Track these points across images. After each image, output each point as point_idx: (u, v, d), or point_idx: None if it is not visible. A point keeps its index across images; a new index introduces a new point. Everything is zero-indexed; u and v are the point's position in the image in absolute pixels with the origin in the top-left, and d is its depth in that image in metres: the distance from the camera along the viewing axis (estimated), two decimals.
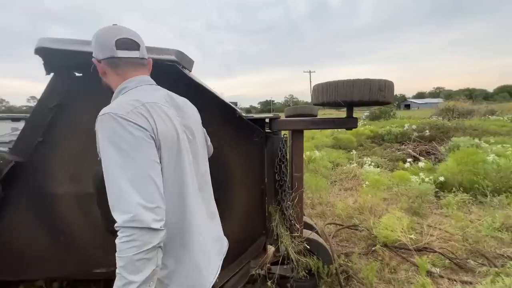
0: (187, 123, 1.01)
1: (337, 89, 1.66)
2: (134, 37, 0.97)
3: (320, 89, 1.76)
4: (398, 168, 6.45)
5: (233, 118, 1.77)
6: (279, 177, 1.79)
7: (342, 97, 1.66)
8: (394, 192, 4.48)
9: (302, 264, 1.91)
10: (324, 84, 1.74)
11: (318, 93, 1.81)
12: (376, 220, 3.34)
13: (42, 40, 1.55)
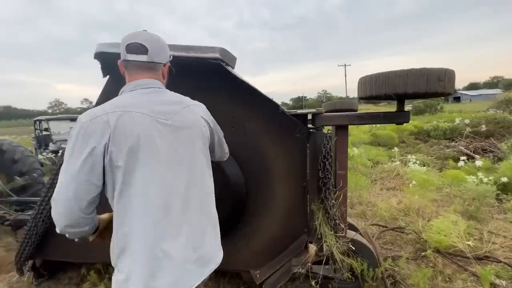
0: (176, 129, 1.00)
1: (388, 81, 1.54)
2: (147, 42, 1.01)
3: (368, 81, 1.65)
4: (448, 167, 5.86)
5: (276, 114, 1.75)
6: (323, 175, 1.73)
7: (394, 89, 1.53)
8: (445, 193, 4.08)
9: (346, 265, 1.83)
10: (373, 76, 1.63)
11: (366, 86, 1.70)
12: (425, 223, 3.08)
13: (101, 45, 1.68)
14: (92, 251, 2.15)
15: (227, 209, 1.89)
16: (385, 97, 1.61)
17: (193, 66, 1.70)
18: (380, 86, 1.58)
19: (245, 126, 1.91)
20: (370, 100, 1.76)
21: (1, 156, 4.08)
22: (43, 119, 10.23)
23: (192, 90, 1.92)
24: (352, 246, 1.86)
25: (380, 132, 9.88)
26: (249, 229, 2.02)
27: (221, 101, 1.91)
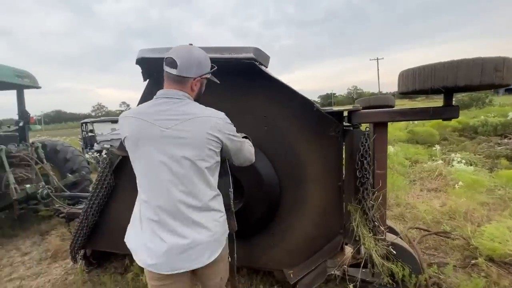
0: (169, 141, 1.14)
1: (434, 73, 1.42)
2: (180, 58, 1.16)
3: (411, 75, 1.54)
4: (500, 166, 5.27)
5: (310, 112, 1.71)
6: (361, 174, 1.66)
7: (441, 82, 1.41)
8: (498, 195, 3.67)
9: (386, 270, 1.74)
10: (416, 69, 1.51)
11: (408, 80, 1.59)
12: (474, 228, 2.80)
13: (142, 51, 1.79)
14: None
15: (260, 208, 1.91)
16: (431, 91, 1.49)
17: (227, 67, 1.73)
18: (425, 80, 1.47)
19: (279, 125, 1.90)
20: (413, 94, 1.64)
21: (56, 155, 4.56)
22: (89, 121, 11.21)
23: (226, 90, 1.97)
24: (393, 250, 1.76)
25: (418, 129, 9.20)
26: (282, 228, 2.01)
27: (254, 101, 1.92)
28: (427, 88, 1.47)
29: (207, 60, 1.26)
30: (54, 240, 3.45)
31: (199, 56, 1.21)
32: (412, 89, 1.56)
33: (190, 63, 1.18)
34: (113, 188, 2.26)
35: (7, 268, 2.94)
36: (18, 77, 4.09)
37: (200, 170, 1.16)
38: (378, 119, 1.64)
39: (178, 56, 1.16)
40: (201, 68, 1.22)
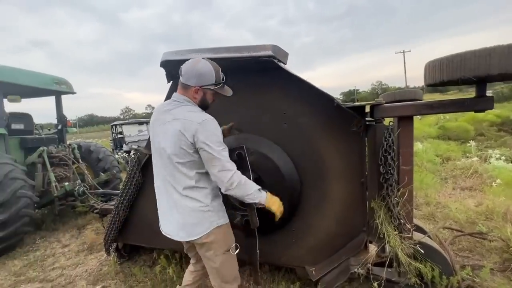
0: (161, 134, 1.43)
1: (464, 63, 1.34)
2: (185, 69, 1.42)
3: (438, 65, 1.46)
4: None
5: (330, 108, 1.69)
6: (384, 170, 1.60)
7: (472, 71, 1.33)
8: None
9: (413, 270, 1.67)
10: (445, 58, 1.43)
11: (435, 71, 1.51)
12: None
13: (165, 54, 1.87)
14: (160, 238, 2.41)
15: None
16: (461, 82, 1.41)
17: (246, 66, 1.76)
18: (454, 70, 1.39)
19: (298, 122, 1.89)
20: (441, 86, 1.56)
21: (89, 155, 4.90)
22: (118, 124, 11.89)
23: (246, 89, 2.00)
24: (421, 249, 1.68)
25: (450, 125, 8.65)
26: (304, 225, 2.01)
27: (274, 98, 1.93)
28: (456, 78, 1.39)
29: (211, 74, 1.41)
30: (89, 233, 3.72)
31: (202, 69, 1.40)
32: (440, 81, 1.48)
33: (192, 74, 1.40)
34: (141, 186, 2.39)
35: (50, 258, 3.22)
36: (57, 84, 4.46)
37: (173, 163, 1.39)
38: (402, 112, 1.58)
39: (185, 67, 1.42)
40: (202, 79, 1.40)
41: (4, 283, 2.75)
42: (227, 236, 1.54)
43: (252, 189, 1.44)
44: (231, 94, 1.53)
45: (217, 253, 1.49)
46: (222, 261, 1.52)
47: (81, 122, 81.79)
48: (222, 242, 1.50)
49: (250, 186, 1.44)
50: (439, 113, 1.62)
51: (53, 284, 2.66)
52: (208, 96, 1.48)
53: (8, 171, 3.26)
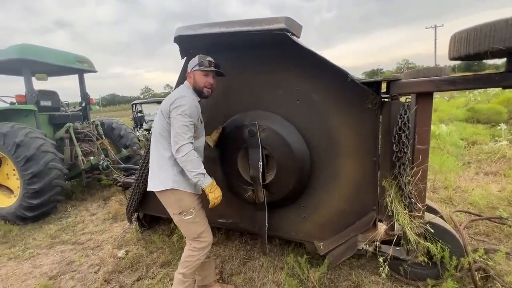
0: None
1: (493, 33, 1.23)
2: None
3: (465, 37, 1.35)
4: None
5: (344, 84, 1.63)
6: (398, 148, 1.56)
7: (503, 42, 1.22)
8: None
9: (422, 248, 1.67)
10: (472, 29, 1.32)
11: (460, 43, 1.40)
12: None
13: (178, 29, 1.87)
14: None
15: (291, 179, 1.95)
16: (490, 55, 1.30)
17: (258, 40, 1.72)
18: (482, 41, 1.28)
19: (311, 99, 1.86)
20: (466, 60, 1.45)
21: (112, 132, 5.15)
22: (138, 102, 12.24)
23: (258, 64, 1.97)
24: (431, 229, 1.67)
25: (480, 107, 8.04)
26: (314, 202, 2.04)
27: (286, 74, 1.89)
28: (484, 51, 1.28)
29: (195, 60, 1.73)
30: (114, 204, 4.02)
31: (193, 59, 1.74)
32: (465, 54, 1.38)
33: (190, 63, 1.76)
34: None
35: (80, 224, 3.55)
36: (79, 62, 4.63)
37: (158, 134, 1.69)
38: (420, 89, 1.50)
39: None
40: (191, 65, 1.73)
41: (42, 243, 3.09)
42: (181, 202, 1.70)
43: (197, 170, 1.59)
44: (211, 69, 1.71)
45: (172, 213, 1.75)
46: (177, 220, 1.76)
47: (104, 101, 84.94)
48: (174, 204, 1.71)
49: (196, 166, 1.59)
50: (462, 89, 1.52)
51: (84, 247, 2.95)
52: (198, 78, 1.71)
53: (40, 144, 3.53)
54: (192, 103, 1.64)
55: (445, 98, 14.13)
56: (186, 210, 1.71)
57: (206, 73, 1.71)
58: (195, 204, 1.75)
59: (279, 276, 2.16)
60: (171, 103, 1.62)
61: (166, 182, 1.67)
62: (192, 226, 1.75)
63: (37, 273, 2.52)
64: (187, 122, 1.58)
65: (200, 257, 1.76)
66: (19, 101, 4.18)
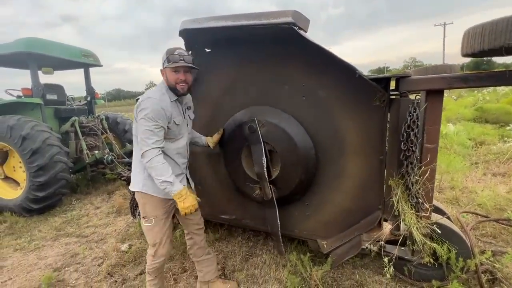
0: None
1: (510, 28, 1.18)
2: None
3: (479, 32, 1.30)
4: None
5: (352, 80, 1.60)
6: (405, 147, 1.53)
7: None
8: None
9: (428, 249, 1.64)
10: (487, 23, 1.27)
11: (474, 39, 1.35)
12: None
13: (184, 22, 1.84)
14: None
15: (297, 172, 1.92)
16: (505, 51, 1.25)
17: (265, 34, 1.69)
18: (498, 36, 1.23)
19: (317, 95, 1.83)
20: (480, 56, 1.40)
21: (116, 126, 5.17)
22: None
23: (263, 59, 1.94)
24: (438, 229, 1.64)
25: (489, 106, 7.91)
26: (318, 199, 2.01)
27: (292, 69, 1.86)
28: (499, 46, 1.23)
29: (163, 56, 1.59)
30: (118, 198, 4.04)
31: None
32: (479, 50, 1.33)
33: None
34: None
35: (84, 217, 3.58)
36: (84, 56, 4.63)
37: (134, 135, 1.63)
38: (431, 86, 1.46)
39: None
40: (162, 63, 1.60)
41: (47, 235, 3.12)
42: (145, 206, 1.66)
43: (161, 177, 1.48)
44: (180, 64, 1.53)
45: (140, 214, 1.73)
46: (142, 223, 1.73)
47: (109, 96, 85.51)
48: (141, 207, 1.69)
49: (160, 173, 1.49)
50: (474, 87, 1.48)
51: (88, 239, 2.98)
52: (169, 75, 1.58)
53: (46, 137, 3.55)
54: (156, 105, 1.49)
55: (452, 97, 13.90)
56: (148, 216, 1.65)
57: (175, 68, 1.55)
58: (160, 212, 1.65)
59: (281, 273, 2.15)
60: (137, 105, 1.53)
61: (137, 184, 1.65)
62: (149, 234, 1.68)
63: (42, 265, 2.55)
64: (150, 126, 1.48)
65: (154, 264, 1.71)
66: (25, 95, 4.21)
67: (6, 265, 2.57)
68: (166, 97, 1.59)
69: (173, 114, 1.59)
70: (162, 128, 1.53)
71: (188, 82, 1.61)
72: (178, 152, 1.68)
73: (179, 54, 1.55)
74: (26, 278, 2.36)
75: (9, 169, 3.93)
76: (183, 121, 1.69)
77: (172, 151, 1.65)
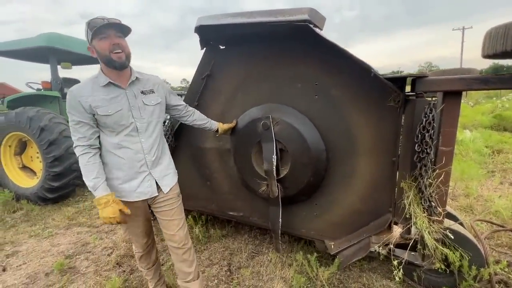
0: None
1: None
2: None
3: (502, 32, 1.26)
4: None
5: (366, 79, 1.58)
6: (420, 149, 1.49)
7: None
8: None
9: (439, 255, 1.60)
10: (510, 24, 1.23)
11: (496, 40, 1.31)
12: None
13: (200, 18, 1.86)
14: (189, 200, 2.59)
15: (305, 174, 1.91)
16: None
17: (281, 30, 1.69)
18: None
19: (330, 94, 1.81)
20: (502, 58, 1.36)
21: None
22: None
23: (278, 56, 1.94)
24: (451, 235, 1.59)
25: (508, 114, 7.62)
26: (328, 200, 2.00)
27: (306, 67, 1.85)
28: None
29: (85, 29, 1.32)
30: None
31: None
32: (502, 50, 1.29)
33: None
34: (174, 149, 2.54)
35: (95, 208, 3.67)
36: None
37: None
38: (449, 87, 1.42)
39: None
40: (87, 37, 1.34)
41: (60, 224, 3.23)
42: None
43: (85, 178, 1.33)
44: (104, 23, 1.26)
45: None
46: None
47: None
48: None
49: (84, 173, 1.32)
50: (495, 89, 1.43)
51: (98, 230, 3.06)
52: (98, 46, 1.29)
53: (63, 129, 3.67)
54: (72, 97, 1.29)
55: (469, 104, 13.47)
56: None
57: (101, 33, 1.26)
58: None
59: (287, 272, 2.14)
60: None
61: None
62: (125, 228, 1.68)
63: (55, 252, 2.63)
64: (71, 121, 1.32)
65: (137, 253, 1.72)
66: (45, 88, 4.37)
67: (21, 250, 2.67)
68: (95, 83, 1.34)
69: (98, 103, 1.31)
70: (82, 123, 1.31)
71: (124, 49, 1.32)
72: (124, 146, 1.39)
73: (101, 17, 1.28)
74: (40, 264, 2.44)
75: (27, 158, 4.08)
76: (127, 108, 1.37)
77: (112, 146, 1.39)
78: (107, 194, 1.32)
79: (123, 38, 1.35)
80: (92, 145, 1.35)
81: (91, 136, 1.34)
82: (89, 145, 1.34)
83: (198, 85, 2.28)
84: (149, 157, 1.47)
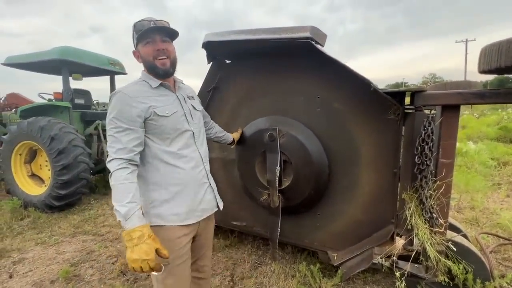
0: None
1: None
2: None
3: (496, 49, 1.32)
4: None
5: (367, 93, 1.64)
6: (420, 161, 1.53)
7: None
8: None
9: (442, 267, 1.59)
10: (505, 41, 1.29)
11: (492, 56, 1.36)
12: None
13: (207, 35, 1.97)
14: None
15: (307, 186, 1.95)
16: None
17: (284, 47, 1.78)
18: None
19: (332, 107, 1.87)
20: (498, 73, 1.41)
21: None
22: None
23: (281, 71, 2.03)
24: (454, 247, 1.60)
25: None
26: (330, 211, 2.02)
27: (308, 81, 1.93)
28: None
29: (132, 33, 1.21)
30: None
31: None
32: (496, 67, 1.34)
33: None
34: None
35: (101, 217, 3.72)
36: (111, 64, 4.94)
37: None
38: (447, 101, 1.47)
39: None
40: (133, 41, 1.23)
41: (66, 232, 3.27)
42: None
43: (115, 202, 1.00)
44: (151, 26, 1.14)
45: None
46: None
47: None
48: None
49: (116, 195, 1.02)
50: (492, 103, 1.47)
51: (103, 238, 3.09)
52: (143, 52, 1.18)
53: (72, 139, 3.78)
54: (123, 99, 1.10)
55: (474, 115, 13.41)
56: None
57: (147, 38, 1.14)
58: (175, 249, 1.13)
59: (290, 283, 2.13)
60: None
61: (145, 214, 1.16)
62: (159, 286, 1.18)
63: (60, 259, 2.67)
64: (113, 129, 1.08)
65: None
66: (56, 98, 4.53)
67: (28, 257, 2.72)
68: (146, 85, 1.18)
69: (154, 103, 1.14)
70: (129, 130, 1.08)
71: (169, 54, 1.19)
72: (184, 156, 1.19)
73: (148, 19, 1.15)
74: (46, 271, 2.48)
75: (36, 167, 4.18)
76: (181, 112, 1.22)
77: (169, 155, 1.16)
78: (141, 226, 0.98)
79: (170, 43, 1.21)
80: (132, 160, 1.07)
81: (133, 148, 1.08)
82: (129, 159, 1.06)
83: (204, 97, 2.36)
84: (207, 166, 1.31)
